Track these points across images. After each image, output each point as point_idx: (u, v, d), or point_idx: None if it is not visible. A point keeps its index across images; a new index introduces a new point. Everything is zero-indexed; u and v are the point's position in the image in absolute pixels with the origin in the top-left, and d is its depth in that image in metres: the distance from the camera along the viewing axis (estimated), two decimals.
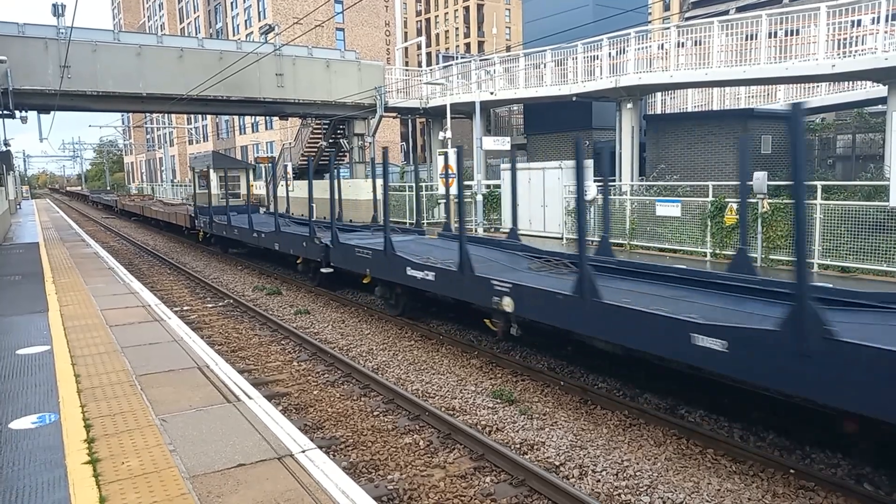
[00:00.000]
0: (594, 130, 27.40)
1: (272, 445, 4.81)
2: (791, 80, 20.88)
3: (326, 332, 12.08)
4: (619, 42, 22.08)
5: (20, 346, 7.65)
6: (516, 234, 12.85)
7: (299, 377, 9.40)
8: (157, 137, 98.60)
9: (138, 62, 24.03)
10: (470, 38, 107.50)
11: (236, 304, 14.68)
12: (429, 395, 8.46)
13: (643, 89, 22.10)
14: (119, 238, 32.79)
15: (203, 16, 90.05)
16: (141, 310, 9.94)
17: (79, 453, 4.66)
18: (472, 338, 11.10)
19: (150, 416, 5.40)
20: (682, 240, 16.00)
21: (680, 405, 7.85)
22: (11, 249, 19.05)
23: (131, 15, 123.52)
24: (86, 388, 6.10)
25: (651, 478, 6.11)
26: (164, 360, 7.11)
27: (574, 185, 18.95)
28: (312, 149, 34.01)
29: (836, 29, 17.04)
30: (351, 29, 74.17)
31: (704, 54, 19.85)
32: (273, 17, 64.57)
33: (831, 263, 13.09)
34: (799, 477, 6.03)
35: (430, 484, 6.04)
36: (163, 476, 4.32)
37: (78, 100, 23.52)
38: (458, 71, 30.98)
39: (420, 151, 63.78)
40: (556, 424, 7.42)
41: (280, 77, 26.89)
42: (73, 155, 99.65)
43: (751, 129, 21.47)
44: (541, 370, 9.26)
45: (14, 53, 20.99)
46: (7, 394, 5.99)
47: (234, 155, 75.28)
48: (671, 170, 22.33)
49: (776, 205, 13.95)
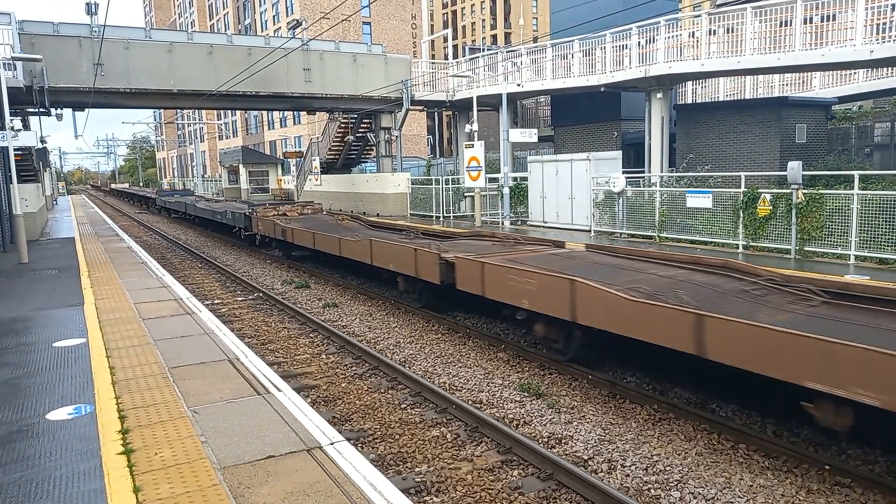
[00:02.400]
0: (623, 121, 27.05)
1: (301, 437, 4.86)
2: (827, 67, 20.32)
3: (354, 325, 12.16)
4: (648, 31, 21.72)
5: (57, 339, 7.85)
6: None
7: (327, 370, 9.48)
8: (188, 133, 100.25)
9: (169, 59, 24.40)
10: (497, 29, 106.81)
11: (266, 297, 14.86)
12: (456, 389, 8.47)
13: (673, 78, 21.72)
14: (152, 233, 33.41)
15: (232, 12, 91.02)
16: (173, 303, 10.11)
17: (113, 444, 4.76)
18: (498, 331, 11.07)
19: (182, 408, 5.49)
20: (713, 231, 15.72)
21: (711, 399, 7.74)
22: (49, 244, 19.54)
23: (162, 12, 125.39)
24: (120, 380, 6.23)
25: (681, 473, 6.03)
26: (195, 352, 7.23)
27: (602, 176, 18.82)
28: (339, 143, 34.22)
29: (875, 13, 16.52)
30: (378, 23, 74.27)
31: (737, 42, 19.42)
32: (301, 12, 64.93)
33: (869, 255, 12.73)
34: (834, 473, 5.90)
35: (457, 477, 6.04)
36: (194, 467, 4.39)
37: (111, 96, 23.98)
38: (484, 63, 30.82)
39: (447, 144, 63.68)
40: (584, 418, 7.36)
41: (308, 72, 27.06)
42: (107, 151, 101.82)
43: (785, 117, 20.98)
44: (568, 363, 9.19)
45: (49, 52, 21.44)
46: (44, 385, 6.15)
47: (263, 150, 76.12)
48: (702, 160, 21.94)
49: (811, 195, 13.61)
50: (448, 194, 25.85)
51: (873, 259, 12.70)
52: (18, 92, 21.03)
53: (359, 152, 34.91)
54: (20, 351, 7.36)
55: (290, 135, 76.11)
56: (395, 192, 28.87)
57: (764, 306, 7.11)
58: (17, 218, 15.84)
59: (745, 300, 7.41)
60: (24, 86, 21.38)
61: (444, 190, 25.87)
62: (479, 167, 22.15)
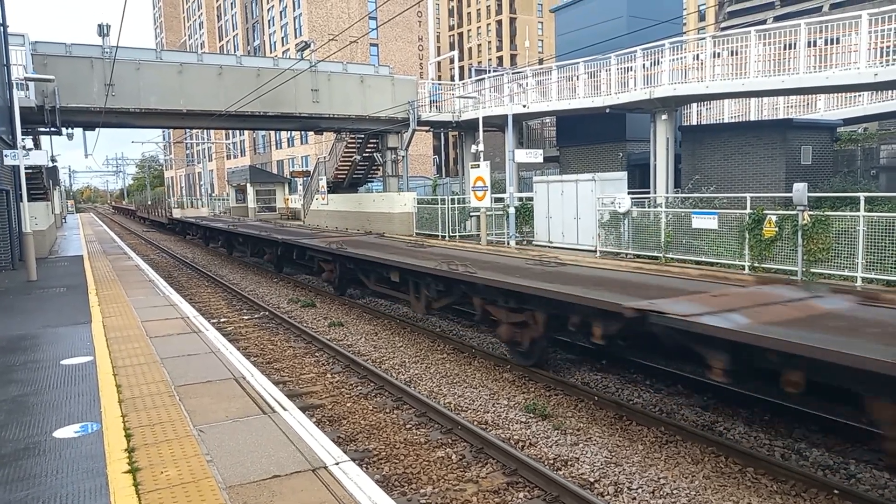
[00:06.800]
0: (628, 142, 27.15)
1: (306, 457, 4.85)
2: (831, 89, 20.41)
3: (360, 344, 12.15)
4: (653, 53, 21.90)
5: (64, 357, 7.88)
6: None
7: (333, 389, 9.46)
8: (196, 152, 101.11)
9: (179, 79, 24.73)
10: (502, 51, 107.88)
11: (272, 315, 14.88)
12: (461, 409, 8.44)
13: (678, 100, 21.85)
14: (159, 251, 33.57)
15: (241, 34, 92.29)
16: (180, 321, 10.15)
17: (119, 462, 4.77)
18: (504, 351, 11.05)
19: (189, 427, 5.49)
20: (718, 253, 15.71)
21: (718, 422, 7.69)
22: (57, 262, 19.66)
23: (173, 34, 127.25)
24: (127, 399, 6.25)
25: (688, 496, 5.98)
26: (201, 370, 7.24)
27: (607, 197, 18.88)
28: (346, 162, 34.45)
29: (879, 37, 16.63)
30: (385, 44, 75.17)
31: (741, 64, 19.54)
32: (309, 34, 65.80)
33: (875, 277, 12.69)
34: (843, 498, 5.84)
35: (462, 499, 6.01)
36: (200, 486, 4.39)
37: (122, 116, 24.27)
38: (490, 84, 31.07)
39: (452, 164, 63.98)
40: (590, 440, 7.32)
41: (315, 92, 27.35)
42: (116, 170, 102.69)
43: (790, 139, 21.04)
44: (574, 384, 9.16)
45: (61, 73, 21.76)
46: (51, 403, 6.17)
47: (270, 169, 76.66)
48: (707, 181, 21.97)
49: (817, 217, 13.60)
50: (454, 214, 25.95)
51: (880, 281, 12.65)
52: (30, 111, 21.33)
53: (365, 172, 35.13)
54: (28, 368, 7.39)
55: (298, 154, 76.71)
56: (402, 212, 28.98)
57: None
58: (27, 236, 15.97)
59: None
60: (36, 106, 21.67)
61: (449, 209, 25.97)
62: (485, 187, 22.26)
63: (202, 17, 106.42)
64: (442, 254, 14.56)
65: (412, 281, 12.45)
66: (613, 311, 7.32)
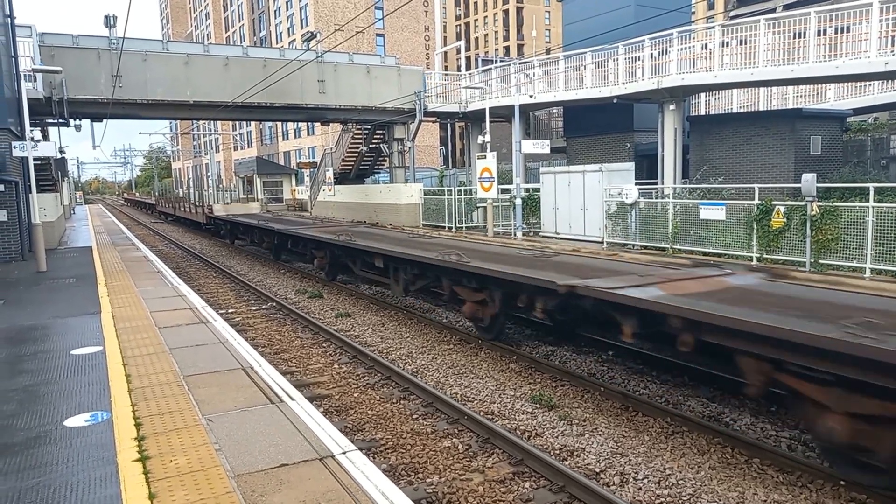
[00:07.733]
0: (635, 132, 27.03)
1: (314, 446, 4.89)
2: (841, 78, 20.24)
3: (367, 335, 12.20)
4: (661, 42, 21.74)
5: (75, 347, 7.95)
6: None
7: (340, 379, 9.52)
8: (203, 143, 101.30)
9: (186, 71, 24.75)
10: (510, 41, 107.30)
11: (279, 306, 14.95)
12: (468, 399, 8.47)
13: (686, 90, 21.71)
14: (167, 242, 33.72)
15: (248, 24, 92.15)
16: (188, 312, 10.21)
17: (129, 451, 4.82)
18: (511, 342, 11.07)
19: (197, 416, 5.54)
20: (726, 244, 15.65)
21: (724, 413, 7.69)
22: (66, 253, 19.79)
23: (179, 25, 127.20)
24: (136, 388, 6.31)
25: (694, 487, 6.00)
26: (210, 361, 7.30)
27: (615, 188, 18.81)
28: (353, 154, 34.44)
29: (890, 25, 16.45)
30: (391, 34, 74.89)
31: (750, 53, 19.40)
32: (315, 24, 65.64)
33: (885, 268, 12.62)
34: (850, 489, 5.84)
35: (468, 488, 6.05)
36: (209, 474, 4.44)
37: (129, 108, 24.32)
38: (497, 74, 30.95)
39: (459, 155, 63.86)
40: (596, 430, 7.34)
41: (322, 83, 27.32)
42: (123, 161, 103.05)
43: (799, 129, 20.89)
44: (581, 375, 9.18)
45: (69, 64, 21.81)
46: (62, 392, 6.23)
47: (277, 160, 76.73)
48: (715, 172, 21.86)
49: (826, 207, 13.53)
50: (460, 205, 25.94)
51: (889, 272, 12.58)
52: (38, 103, 21.39)
53: (372, 163, 35.11)
54: (39, 358, 7.47)
55: (304, 145, 76.70)
56: (408, 203, 28.98)
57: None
58: (37, 227, 16.08)
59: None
60: (43, 97, 21.75)
61: (456, 201, 25.96)
62: (492, 178, 22.22)
63: (208, 8, 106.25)
64: (442, 244, 14.94)
65: (392, 266, 13.62)
66: (550, 289, 8.45)
